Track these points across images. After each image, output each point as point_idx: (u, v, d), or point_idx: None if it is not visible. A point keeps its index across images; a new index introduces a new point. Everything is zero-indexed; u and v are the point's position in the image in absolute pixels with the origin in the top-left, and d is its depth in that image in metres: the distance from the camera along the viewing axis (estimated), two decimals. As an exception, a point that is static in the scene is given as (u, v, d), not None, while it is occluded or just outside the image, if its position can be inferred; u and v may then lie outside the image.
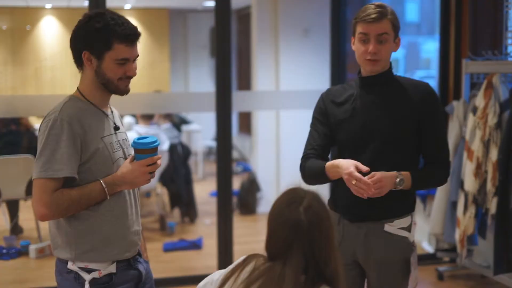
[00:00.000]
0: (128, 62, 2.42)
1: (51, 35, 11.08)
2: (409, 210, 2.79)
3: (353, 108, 2.74)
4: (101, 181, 2.37)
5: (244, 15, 10.39)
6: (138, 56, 2.46)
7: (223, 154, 5.13)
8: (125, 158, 2.48)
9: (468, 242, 5.08)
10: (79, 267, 2.40)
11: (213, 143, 10.05)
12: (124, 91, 2.47)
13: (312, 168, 2.79)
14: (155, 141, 2.41)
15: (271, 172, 7.81)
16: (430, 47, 9.24)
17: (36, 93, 10.73)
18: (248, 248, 2.07)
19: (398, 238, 2.74)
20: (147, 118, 6.93)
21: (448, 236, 5.28)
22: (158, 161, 2.43)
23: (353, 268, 2.78)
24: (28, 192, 6.47)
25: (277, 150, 7.83)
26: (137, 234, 2.53)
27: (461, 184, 5.04)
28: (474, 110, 4.91)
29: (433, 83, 6.38)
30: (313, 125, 2.87)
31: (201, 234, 6.57)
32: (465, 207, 4.96)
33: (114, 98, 2.55)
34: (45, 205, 2.30)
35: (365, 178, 2.55)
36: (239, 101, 5.46)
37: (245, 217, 7.66)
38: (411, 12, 10.15)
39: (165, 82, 10.78)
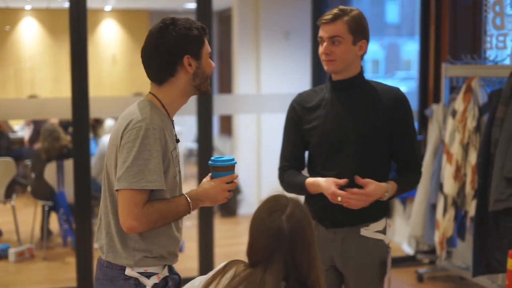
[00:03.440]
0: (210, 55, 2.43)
1: (31, 36, 11.02)
2: (384, 214, 2.82)
3: (325, 114, 2.76)
4: (186, 196, 2.34)
5: (225, 17, 10.38)
6: None
7: (204, 156, 5.13)
8: (180, 173, 2.43)
9: (448, 244, 5.12)
10: (139, 272, 2.33)
11: (194, 145, 10.04)
12: (209, 90, 2.46)
13: (291, 182, 2.84)
14: (233, 159, 2.43)
15: (252, 174, 7.82)
16: (410, 49, 9.29)
17: (16, 95, 10.65)
18: (229, 251, 2.08)
19: (374, 241, 2.78)
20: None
21: (428, 238, 5.32)
22: (236, 180, 2.43)
23: (331, 273, 2.81)
24: (8, 195, 6.43)
25: (258, 152, 7.84)
26: (180, 232, 2.48)
27: (440, 186, 5.08)
28: (454, 114, 4.95)
29: (413, 85, 6.42)
30: (286, 134, 2.89)
31: (183, 238, 6.56)
32: (445, 210, 5.00)
33: (94, 102, 2.54)
34: (135, 218, 2.20)
35: (360, 191, 2.61)
36: (220, 104, 5.48)
37: (226, 220, 7.66)
38: (391, 14, 10.19)
39: (146, 85, 10.76)
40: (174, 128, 2.42)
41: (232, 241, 6.50)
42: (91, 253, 4.85)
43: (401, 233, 6.32)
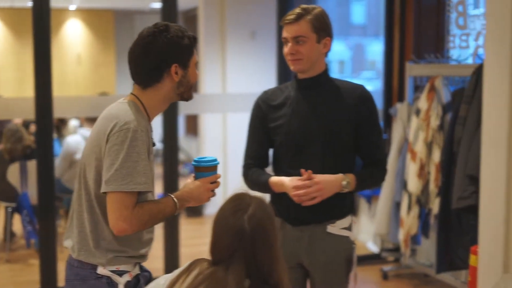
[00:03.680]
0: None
1: (-6, 36, 10.87)
2: (349, 211, 2.83)
3: (290, 112, 2.76)
4: (173, 196, 2.34)
5: (191, 16, 10.34)
6: None
7: (169, 156, 5.11)
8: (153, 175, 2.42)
9: (412, 241, 5.17)
10: (111, 271, 2.32)
11: (159, 145, 10.00)
12: (192, 96, 2.47)
13: (255, 181, 2.84)
14: (215, 160, 2.45)
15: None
16: (376, 49, 9.36)
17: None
18: (195, 251, 2.08)
19: (340, 238, 2.79)
20: (92, 121, 6.85)
21: (393, 236, 5.37)
22: (219, 180, 2.46)
23: (297, 271, 2.81)
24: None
25: (224, 152, 7.82)
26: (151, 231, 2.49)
27: (404, 185, 5.12)
28: (418, 112, 5.00)
29: (378, 85, 6.47)
30: (250, 131, 2.90)
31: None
32: (409, 208, 5.05)
33: (58, 101, 2.51)
34: (125, 221, 2.20)
35: (303, 182, 2.62)
36: (186, 104, 5.43)
37: (192, 220, 7.64)
38: (357, 14, 10.25)
39: (111, 84, 10.69)
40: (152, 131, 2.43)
41: (198, 241, 6.49)
42: (55, 255, 4.79)
43: (366, 231, 6.36)
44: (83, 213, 2.33)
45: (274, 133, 2.80)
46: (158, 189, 5.72)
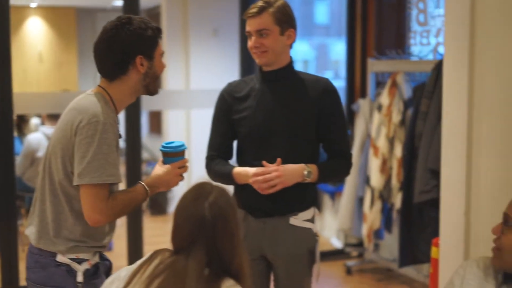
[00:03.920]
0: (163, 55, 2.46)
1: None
2: (311, 203, 2.84)
3: (255, 104, 2.77)
4: (143, 184, 2.39)
5: (154, 14, 10.29)
6: None
7: (132, 154, 5.07)
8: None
9: (375, 236, 5.22)
10: (70, 259, 2.34)
11: (122, 143, 9.91)
12: (158, 90, 2.50)
13: (218, 172, 2.83)
14: (183, 145, 2.50)
15: (182, 172, 7.79)
16: (339, 49, 9.43)
17: None
18: (159, 248, 2.10)
19: (303, 230, 2.79)
20: (54, 118, 6.76)
21: (356, 231, 5.41)
22: (187, 164, 2.51)
23: (260, 263, 2.81)
24: None
25: (187, 150, 7.80)
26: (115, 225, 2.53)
27: (367, 180, 5.17)
28: (380, 108, 5.05)
29: (342, 84, 6.52)
30: (214, 123, 2.89)
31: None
32: (372, 203, 5.09)
33: (19, 98, 2.48)
34: (100, 212, 2.24)
35: (263, 169, 2.64)
36: (149, 100, 5.41)
37: (156, 218, 7.61)
38: (320, 14, 10.28)
39: (74, 82, 10.57)
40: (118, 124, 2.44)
41: (162, 239, 6.45)
42: (17, 255, 4.72)
43: (330, 227, 6.40)
44: (46, 202, 2.35)
45: (238, 125, 2.80)
46: (122, 187, 5.71)
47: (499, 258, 2.04)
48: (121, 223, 6.82)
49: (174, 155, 2.47)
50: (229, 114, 2.83)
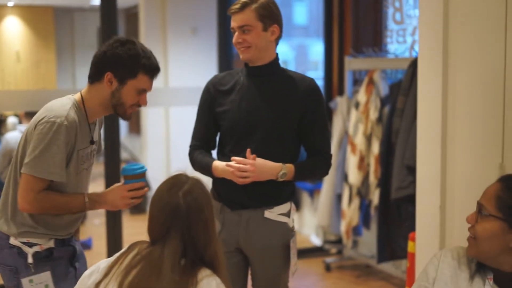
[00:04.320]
0: (145, 92, 2.56)
1: None
2: (288, 198, 2.86)
3: (239, 99, 2.79)
4: (85, 196, 2.52)
5: (132, 14, 10.28)
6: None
7: (111, 154, 5.07)
8: (87, 170, 2.61)
9: (353, 233, 5.27)
10: (22, 242, 2.50)
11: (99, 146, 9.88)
12: (129, 117, 2.59)
13: (199, 162, 2.86)
14: (139, 168, 2.53)
15: (162, 171, 7.79)
16: (318, 50, 9.46)
17: None
18: (137, 240, 2.13)
19: (278, 224, 2.81)
20: (31, 116, 6.71)
21: (334, 227, 5.45)
22: (143, 189, 2.56)
23: (236, 255, 2.83)
24: None
25: (167, 148, 7.81)
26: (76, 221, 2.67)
27: (345, 177, 5.21)
28: (357, 105, 5.09)
29: (320, 84, 6.56)
30: (199, 114, 2.92)
31: (91, 235, 6.47)
32: (350, 199, 5.14)
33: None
34: (28, 202, 2.44)
35: (240, 158, 2.69)
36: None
37: (136, 217, 7.60)
38: (299, 15, 10.30)
39: (52, 81, 10.52)
40: (91, 129, 2.58)
41: (142, 237, 6.41)
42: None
43: (309, 225, 6.44)
44: (9, 187, 2.54)
45: (220, 118, 2.83)
46: (100, 188, 5.70)
47: (474, 246, 2.08)
48: (101, 222, 6.82)
49: (130, 178, 2.52)
50: (212, 106, 2.85)
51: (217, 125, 2.87)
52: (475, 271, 2.12)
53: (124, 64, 2.48)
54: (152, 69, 2.53)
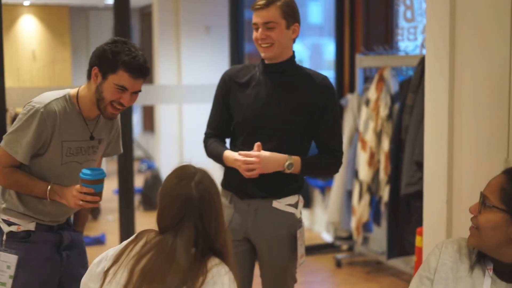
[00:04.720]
0: (125, 91, 2.59)
1: None
2: (296, 191, 2.91)
3: (254, 94, 2.83)
4: (49, 185, 2.61)
5: (147, 13, 10.36)
6: (139, 90, 2.67)
7: (124, 152, 5.11)
8: (81, 164, 2.69)
9: (364, 229, 5.30)
10: (2, 219, 2.64)
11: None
12: (109, 116, 2.65)
13: (212, 151, 2.92)
14: (90, 174, 2.55)
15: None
16: (332, 49, 9.48)
17: None
18: (144, 229, 2.18)
19: (285, 214, 2.86)
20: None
21: (345, 223, 5.49)
22: (92, 197, 2.56)
23: (243, 244, 2.88)
24: None
25: (180, 145, 7.88)
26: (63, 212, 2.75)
27: (355, 173, 5.24)
28: (367, 103, 5.12)
29: (331, 80, 6.60)
30: (214, 103, 2.97)
31: (104, 231, 6.55)
32: (360, 196, 5.17)
33: (11, 93, 2.57)
34: None
35: (248, 152, 2.74)
36: (141, 94, 5.45)
37: (149, 213, 7.67)
38: (314, 15, 10.31)
39: (67, 80, 10.60)
40: (88, 125, 2.68)
41: (155, 233, 6.50)
42: None
43: (320, 222, 6.48)
44: None
45: (234, 111, 2.88)
46: (114, 185, 5.74)
47: (476, 236, 2.11)
48: (114, 218, 6.88)
49: (82, 181, 2.55)
50: (227, 96, 2.90)
51: (231, 115, 2.92)
52: (475, 261, 2.15)
53: (107, 59, 2.57)
54: (132, 67, 2.56)
